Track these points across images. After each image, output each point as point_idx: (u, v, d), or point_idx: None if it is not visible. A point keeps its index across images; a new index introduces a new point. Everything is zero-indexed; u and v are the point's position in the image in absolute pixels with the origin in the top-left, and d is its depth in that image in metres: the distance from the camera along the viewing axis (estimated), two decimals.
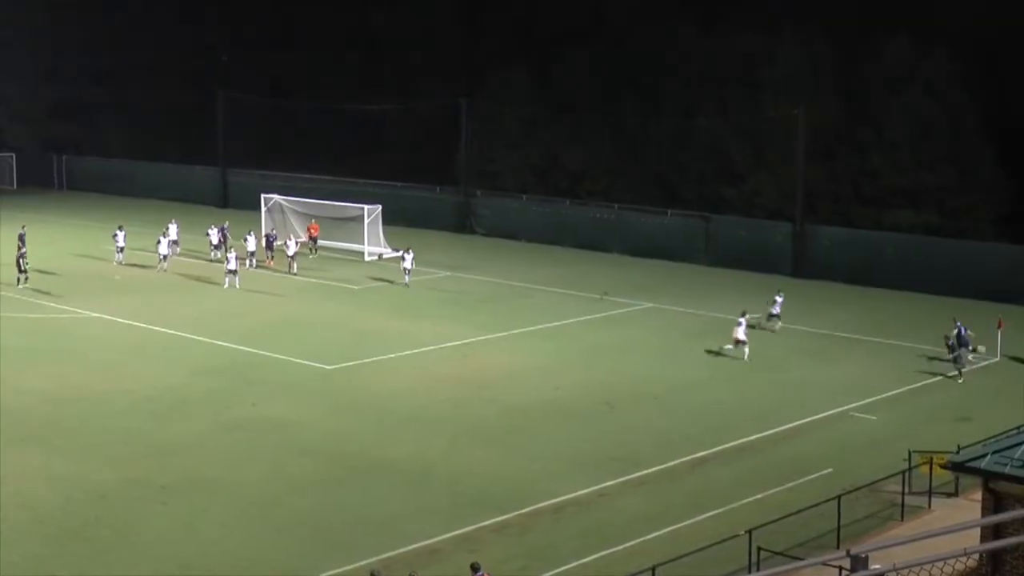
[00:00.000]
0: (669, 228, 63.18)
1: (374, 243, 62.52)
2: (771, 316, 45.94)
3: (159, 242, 57.03)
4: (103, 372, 39.58)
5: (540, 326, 46.92)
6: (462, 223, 70.69)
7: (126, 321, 46.90)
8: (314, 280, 55.89)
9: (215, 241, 60.57)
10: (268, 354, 42.09)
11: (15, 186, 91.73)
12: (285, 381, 39.00)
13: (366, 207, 62.53)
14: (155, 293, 52.12)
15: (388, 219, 64.11)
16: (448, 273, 58.11)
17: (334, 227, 64.64)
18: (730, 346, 41.81)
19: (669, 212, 63.69)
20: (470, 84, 74.59)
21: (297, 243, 58.77)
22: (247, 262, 56.95)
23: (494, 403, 36.70)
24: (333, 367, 40.54)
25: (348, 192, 69.26)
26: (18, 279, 52.62)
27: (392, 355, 42.21)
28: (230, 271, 53.05)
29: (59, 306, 49.29)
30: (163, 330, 45.47)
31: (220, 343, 43.62)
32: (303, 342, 43.60)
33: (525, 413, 35.83)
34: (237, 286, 52.60)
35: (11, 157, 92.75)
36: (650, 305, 51.00)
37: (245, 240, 58.69)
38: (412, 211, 70.58)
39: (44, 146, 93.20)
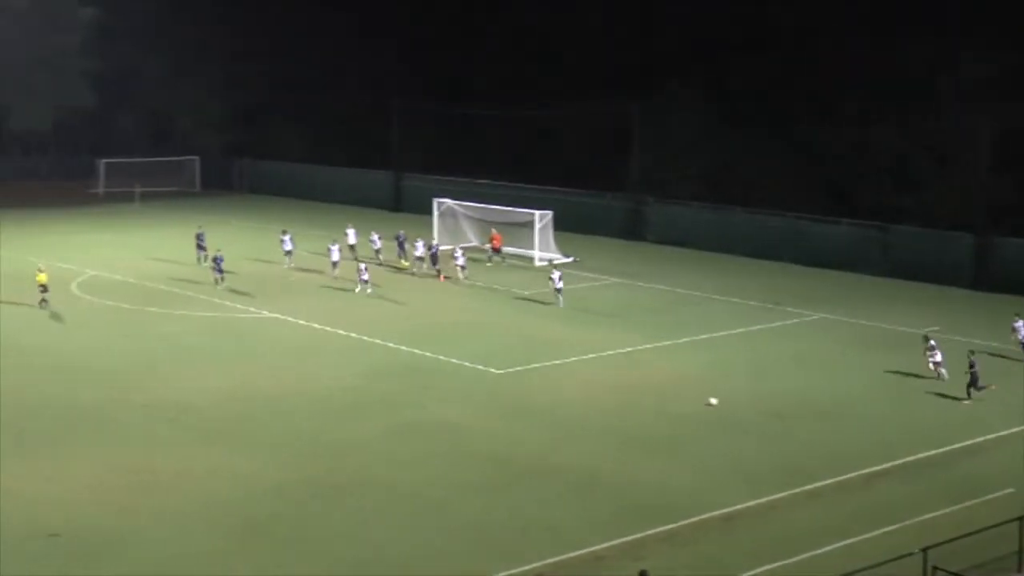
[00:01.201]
0: (842, 237, 62.10)
1: (545, 249, 62.92)
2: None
3: (330, 250, 57.47)
4: (281, 372, 40.72)
5: (709, 335, 46.62)
6: (632, 230, 70.64)
7: (302, 322, 48.15)
8: (484, 285, 56.50)
9: (377, 246, 61.60)
10: (439, 357, 42.73)
11: (198, 188, 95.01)
12: (455, 385, 39.56)
13: (537, 213, 62.97)
14: (328, 296, 53.35)
15: (559, 225, 64.46)
16: (618, 280, 58.15)
17: (505, 232, 65.19)
18: (935, 370, 39.64)
19: (843, 221, 62.60)
20: (643, 91, 74.46)
21: (463, 253, 57.77)
22: (414, 266, 57.72)
23: (662, 412, 36.62)
24: (502, 371, 40.96)
25: (519, 197, 69.77)
26: (216, 280, 54.48)
27: (561, 361, 42.44)
28: (363, 280, 53.33)
29: (239, 306, 50.85)
30: (338, 332, 46.55)
31: (393, 345, 44.45)
32: (473, 346, 44.14)
33: (693, 422, 35.66)
34: (368, 291, 53.02)
35: (195, 161, 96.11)
36: (821, 316, 50.24)
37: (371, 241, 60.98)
38: (583, 217, 70.81)
39: (226, 150, 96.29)
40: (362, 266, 54.37)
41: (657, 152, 73.74)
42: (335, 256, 57.13)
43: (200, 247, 60.15)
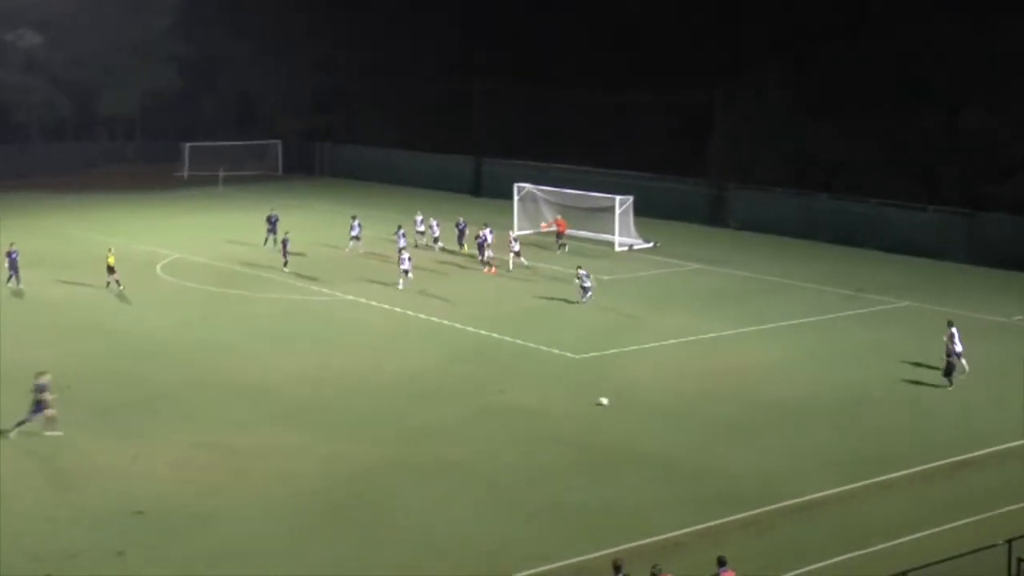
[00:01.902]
0: (929, 224, 61.30)
1: (625, 234, 62.85)
2: None
3: (400, 237, 57.13)
4: (360, 354, 41.13)
5: (791, 322, 46.33)
6: (715, 216, 70.28)
7: (381, 305, 48.56)
8: (564, 269, 56.52)
9: (436, 233, 61.24)
10: (517, 341, 42.91)
11: (280, 171, 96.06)
12: (534, 369, 39.71)
13: (618, 198, 62.89)
14: (417, 279, 53.69)
15: (640, 211, 64.34)
16: (699, 266, 57.94)
17: (586, 217, 65.24)
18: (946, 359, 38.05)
19: (929, 208, 61.78)
20: (726, 76, 73.97)
21: (518, 240, 57.19)
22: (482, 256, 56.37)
23: (742, 398, 36.48)
24: (581, 356, 41.03)
25: (600, 182, 69.68)
26: (284, 263, 55.16)
27: (640, 346, 42.42)
28: (404, 271, 51.38)
29: (318, 289, 51.38)
30: (417, 315, 46.89)
31: (471, 329, 44.70)
32: (552, 331, 44.23)
33: (773, 409, 35.49)
34: (401, 286, 50.95)
35: (277, 144, 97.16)
36: (907, 303, 49.68)
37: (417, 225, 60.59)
38: (664, 203, 70.59)
39: (308, 134, 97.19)
40: (405, 256, 52.14)
41: (739, 137, 73.22)
42: (401, 243, 56.34)
43: (271, 230, 60.73)
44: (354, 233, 60.25)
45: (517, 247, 56.67)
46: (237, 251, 60.17)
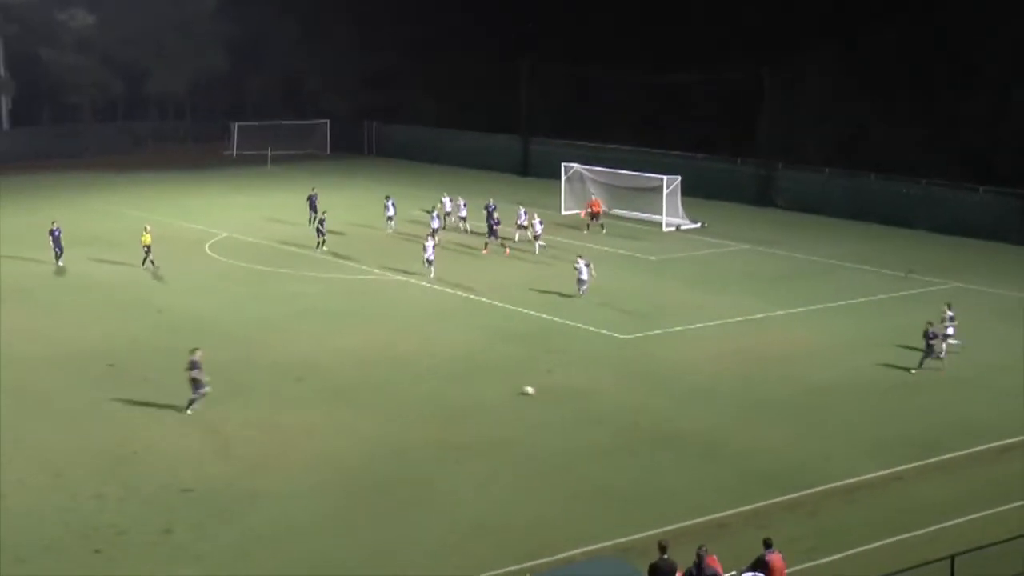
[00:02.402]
0: (980, 205, 60.60)
1: (672, 214, 62.61)
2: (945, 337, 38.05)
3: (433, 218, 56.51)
4: (407, 334, 41.24)
5: (840, 303, 46.02)
6: (762, 196, 69.83)
7: (427, 285, 48.65)
8: (612, 250, 56.45)
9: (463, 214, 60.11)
10: (565, 322, 42.88)
11: (328, 151, 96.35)
12: (580, 349, 39.69)
13: (665, 178, 62.63)
14: (452, 259, 53.75)
15: (687, 191, 64.06)
16: (747, 246, 57.63)
17: (633, 197, 65.06)
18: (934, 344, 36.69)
19: (981, 189, 61.08)
20: (775, 55, 73.38)
21: (541, 223, 55.61)
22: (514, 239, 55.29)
23: (788, 379, 36.31)
24: (628, 337, 40.96)
25: (648, 162, 69.49)
26: (318, 243, 55.33)
27: (687, 327, 42.28)
28: (428, 261, 49.35)
29: (364, 268, 51.51)
30: (462, 295, 46.97)
31: (519, 309, 44.72)
32: (599, 311, 44.18)
33: (820, 391, 35.31)
34: (431, 276, 49.26)
35: (326, 124, 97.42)
36: (957, 285, 49.19)
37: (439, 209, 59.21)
38: (712, 183, 70.25)
39: (356, 113, 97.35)
40: (429, 244, 49.89)
41: (788, 117, 72.67)
42: (435, 224, 55.55)
43: (312, 207, 60.83)
44: (389, 214, 60.07)
45: (540, 228, 55.03)
46: (284, 231, 60.43)
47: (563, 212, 65.66)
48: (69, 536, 25.53)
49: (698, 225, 62.44)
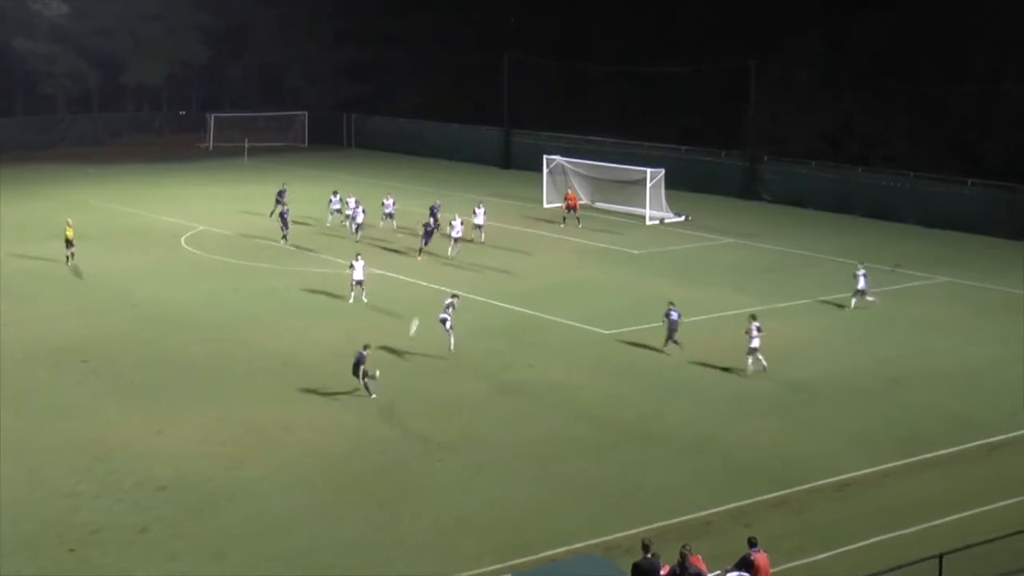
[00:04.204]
0: (969, 199, 60.69)
1: (656, 207, 62.54)
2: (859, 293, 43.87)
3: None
4: (386, 328, 41.05)
5: (825, 297, 46.00)
6: (748, 189, 69.85)
7: (408, 279, 48.50)
8: (593, 244, 56.37)
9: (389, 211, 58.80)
10: (546, 316, 42.79)
11: (306, 143, 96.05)
12: (562, 344, 39.59)
13: (649, 170, 62.54)
14: (435, 254, 53.59)
15: (671, 184, 63.98)
16: (732, 240, 57.61)
17: (616, 190, 65.01)
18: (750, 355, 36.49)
19: (969, 182, 61.18)
20: (761, 47, 73.41)
21: (462, 223, 53.04)
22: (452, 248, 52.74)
23: (774, 375, 36.25)
24: (610, 332, 40.88)
25: (632, 155, 69.44)
26: (283, 235, 55.10)
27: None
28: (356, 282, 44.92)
29: (344, 262, 51.15)
30: (444, 289, 46.75)
31: (499, 304, 44.60)
32: (581, 306, 44.09)
33: (806, 387, 35.28)
34: (364, 300, 45.05)
35: (304, 115, 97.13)
36: (945, 279, 49.26)
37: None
38: (696, 176, 70.25)
39: (337, 105, 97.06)
40: (358, 264, 44.81)
41: (774, 109, 72.74)
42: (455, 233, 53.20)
43: (279, 202, 59.60)
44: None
45: (458, 232, 52.62)
46: (261, 224, 60.15)
47: (545, 205, 65.55)
48: (43, 535, 25.31)
49: (682, 218, 62.40)
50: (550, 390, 34.77)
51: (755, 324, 36.17)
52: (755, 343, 35.98)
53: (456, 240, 52.47)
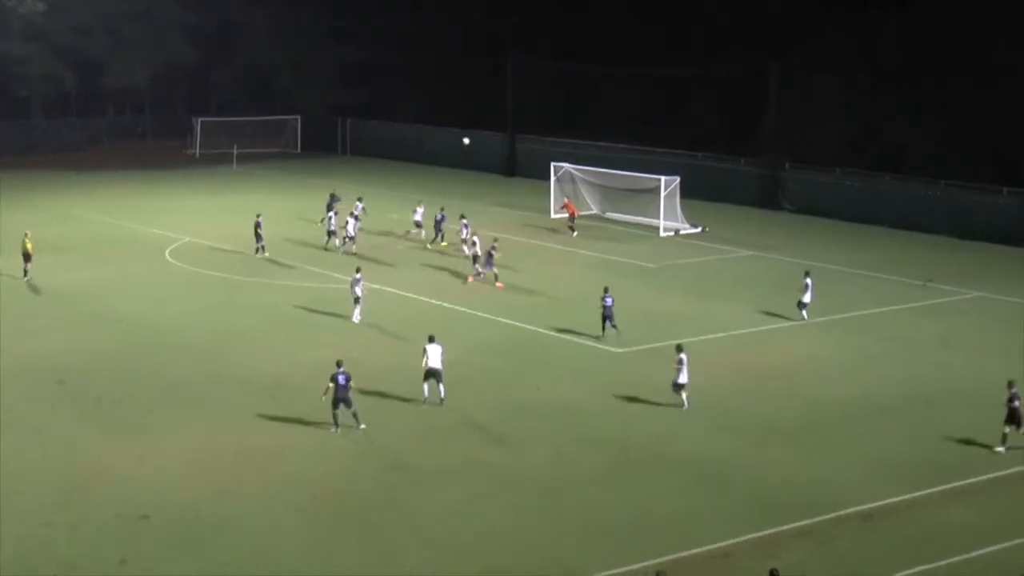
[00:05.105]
0: (1005, 208, 60.65)
1: (671, 218, 62.55)
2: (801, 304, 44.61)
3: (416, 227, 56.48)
4: (383, 346, 41.05)
5: (851, 314, 45.96)
6: (768, 198, 69.83)
7: (406, 294, 48.50)
8: (605, 256, 56.36)
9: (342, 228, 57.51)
10: (553, 334, 42.77)
11: (299, 149, 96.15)
12: (570, 363, 39.56)
13: (663, 178, 62.56)
14: (434, 267, 53.58)
15: (686, 192, 64.00)
16: (750, 252, 57.61)
17: (628, 199, 65.03)
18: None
19: (1005, 190, 61.16)
20: (780, 48, 73.46)
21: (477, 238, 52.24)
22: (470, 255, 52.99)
23: (796, 397, 36.21)
24: (622, 350, 40.84)
25: (644, 162, 69.49)
26: (257, 248, 55.14)
27: (686, 340, 42.06)
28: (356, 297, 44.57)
29: (339, 276, 51.15)
30: (443, 304, 46.82)
31: (503, 320, 44.58)
32: (589, 322, 44.00)
33: (830, 409, 35.22)
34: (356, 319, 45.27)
35: (296, 120, 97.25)
36: (978, 294, 49.22)
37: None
38: (713, 184, 70.27)
39: (331, 109, 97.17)
40: (357, 277, 44.79)
41: (795, 112, 72.74)
42: (464, 233, 54.73)
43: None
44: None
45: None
46: (251, 235, 60.11)
47: (553, 215, 65.58)
48: (16, 569, 25.25)
49: (698, 229, 62.39)
50: (557, 412, 34.72)
51: (681, 355, 34.98)
52: (682, 378, 34.74)
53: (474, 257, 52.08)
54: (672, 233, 61.87)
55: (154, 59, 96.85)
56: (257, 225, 55.62)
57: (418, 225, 59.39)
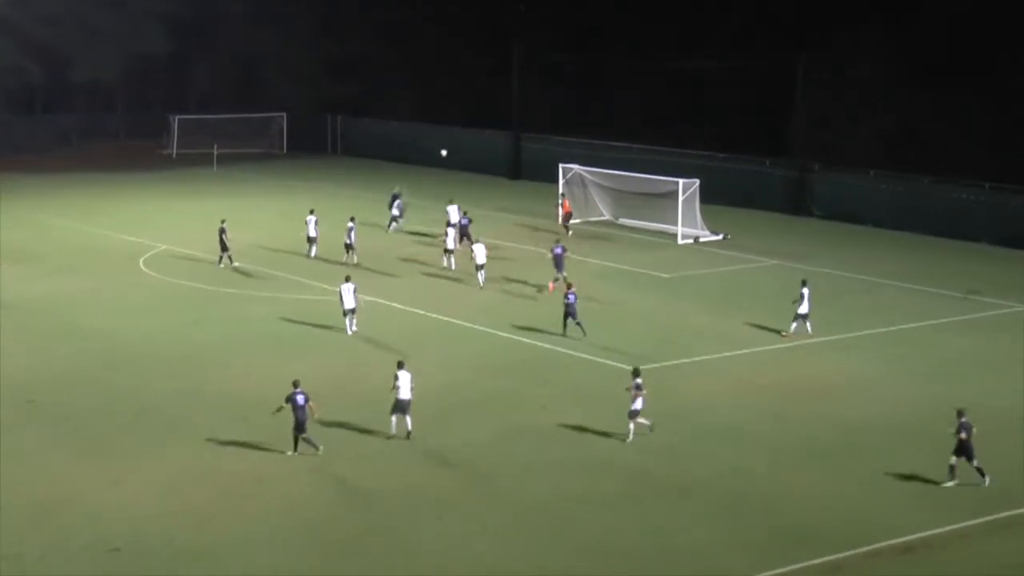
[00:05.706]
0: None
1: (690, 224, 62.63)
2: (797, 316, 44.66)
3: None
4: (376, 364, 41.04)
5: (886, 328, 46.02)
6: (796, 203, 69.93)
7: (401, 307, 48.58)
8: (617, 265, 56.45)
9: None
10: (561, 350, 42.82)
11: (284, 149, 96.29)
12: (580, 383, 39.62)
13: (681, 181, 62.67)
14: (431, 278, 53.64)
15: (707, 197, 64.08)
16: (776, 262, 57.67)
17: (643, 204, 65.11)
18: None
19: None
20: (809, 41, 73.57)
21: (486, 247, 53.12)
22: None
23: (825, 419, 36.25)
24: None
25: (661, 163, 69.55)
26: (220, 257, 55.33)
27: (705, 356, 42.25)
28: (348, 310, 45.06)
29: (325, 287, 51.17)
30: (442, 318, 46.89)
31: (506, 335, 44.65)
32: (602, 337, 44.09)
33: (863, 432, 35.25)
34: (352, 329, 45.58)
35: (282, 117, 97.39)
36: None
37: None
38: (736, 187, 70.36)
39: (319, 106, 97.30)
40: (350, 287, 45.10)
41: (825, 111, 72.84)
42: (451, 244, 55.47)
43: (394, 206, 62.35)
44: (311, 234, 58.47)
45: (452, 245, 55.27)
46: (234, 243, 60.25)
47: (560, 221, 65.64)
48: None
49: (720, 237, 62.49)
50: (565, 435, 34.76)
51: (637, 381, 34.70)
52: (637, 404, 34.45)
53: (479, 267, 52.07)
54: (691, 241, 61.95)
55: (127, 51, 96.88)
56: (222, 231, 55.59)
57: (451, 226, 58.02)
